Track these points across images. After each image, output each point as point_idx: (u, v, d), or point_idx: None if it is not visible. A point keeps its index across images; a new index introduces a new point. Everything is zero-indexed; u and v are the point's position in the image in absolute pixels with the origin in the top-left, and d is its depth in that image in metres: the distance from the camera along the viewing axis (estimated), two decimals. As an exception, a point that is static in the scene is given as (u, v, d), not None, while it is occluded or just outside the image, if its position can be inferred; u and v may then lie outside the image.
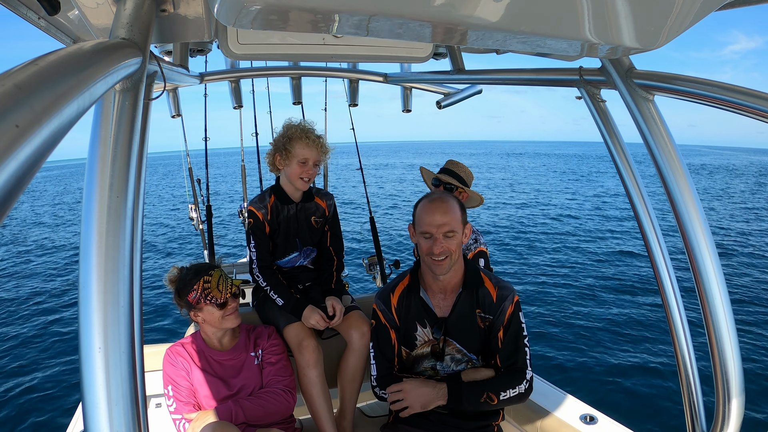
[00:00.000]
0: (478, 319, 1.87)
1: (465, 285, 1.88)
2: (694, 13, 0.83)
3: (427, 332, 1.90)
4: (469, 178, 2.61)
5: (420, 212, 1.83)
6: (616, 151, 1.45)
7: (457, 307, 1.87)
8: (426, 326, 1.90)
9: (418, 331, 1.91)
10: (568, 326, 7.26)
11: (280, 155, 2.22)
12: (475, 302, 1.87)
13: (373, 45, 1.91)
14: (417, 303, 1.91)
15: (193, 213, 4.62)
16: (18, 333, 8.06)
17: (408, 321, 1.92)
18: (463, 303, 1.87)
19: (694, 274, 1.26)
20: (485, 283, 1.89)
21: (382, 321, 1.96)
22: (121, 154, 0.74)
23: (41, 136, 0.40)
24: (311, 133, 2.21)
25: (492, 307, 1.86)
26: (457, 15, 0.72)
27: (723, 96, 1.10)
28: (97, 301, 0.65)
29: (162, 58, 1.53)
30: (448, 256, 1.77)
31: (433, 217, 1.77)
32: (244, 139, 4.96)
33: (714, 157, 61.67)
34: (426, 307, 1.90)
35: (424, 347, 1.92)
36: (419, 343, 1.93)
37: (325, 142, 2.28)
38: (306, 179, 2.23)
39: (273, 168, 2.31)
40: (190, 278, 1.97)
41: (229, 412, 1.88)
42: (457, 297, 1.87)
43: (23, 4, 1.26)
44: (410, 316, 1.92)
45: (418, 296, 1.91)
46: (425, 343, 1.92)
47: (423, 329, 1.91)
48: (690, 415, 1.43)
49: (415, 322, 1.91)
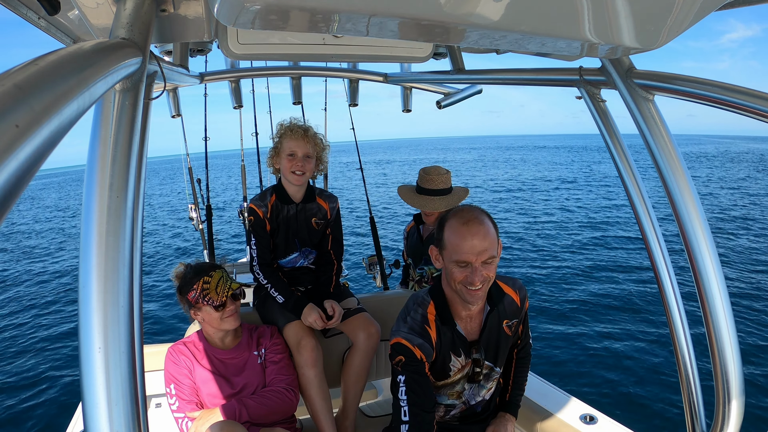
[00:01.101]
0: (506, 330, 1.78)
1: (491, 303, 1.72)
2: (694, 13, 0.83)
3: (461, 360, 1.73)
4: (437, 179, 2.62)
5: (452, 238, 1.55)
6: (616, 151, 1.45)
7: (487, 327, 1.74)
8: (460, 354, 1.73)
9: (452, 362, 1.73)
10: (567, 326, 7.26)
11: (274, 153, 2.28)
12: (503, 315, 1.76)
13: (373, 45, 1.91)
14: (450, 333, 1.69)
15: (193, 213, 4.62)
16: (18, 333, 8.06)
17: (443, 353, 1.71)
18: (491, 321, 1.75)
19: (694, 274, 1.26)
20: (506, 291, 1.79)
21: (419, 357, 1.64)
22: (121, 154, 0.74)
23: (41, 136, 0.40)
24: (297, 127, 2.23)
25: (518, 310, 1.81)
26: (457, 15, 0.72)
27: (723, 96, 1.10)
28: (97, 301, 0.65)
29: (162, 58, 1.53)
30: (485, 281, 1.56)
31: (471, 244, 1.51)
32: (244, 139, 4.97)
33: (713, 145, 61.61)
34: (458, 334, 1.71)
35: (458, 374, 1.77)
36: (453, 372, 1.75)
37: (318, 135, 2.29)
38: (298, 173, 2.22)
39: (273, 170, 2.35)
40: (190, 277, 1.98)
41: (233, 410, 1.88)
42: (486, 317, 1.73)
43: (23, 4, 1.26)
44: (444, 348, 1.71)
45: (453, 326, 1.69)
46: (459, 370, 1.76)
47: (457, 358, 1.73)
48: (690, 415, 1.43)
49: (450, 353, 1.72)
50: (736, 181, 25.17)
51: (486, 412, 1.93)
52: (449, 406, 1.86)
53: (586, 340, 6.79)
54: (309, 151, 2.22)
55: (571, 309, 7.93)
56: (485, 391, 1.85)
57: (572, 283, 9.27)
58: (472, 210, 1.61)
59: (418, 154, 60.60)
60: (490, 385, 1.85)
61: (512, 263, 10.88)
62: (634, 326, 7.18)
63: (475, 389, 1.84)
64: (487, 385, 1.84)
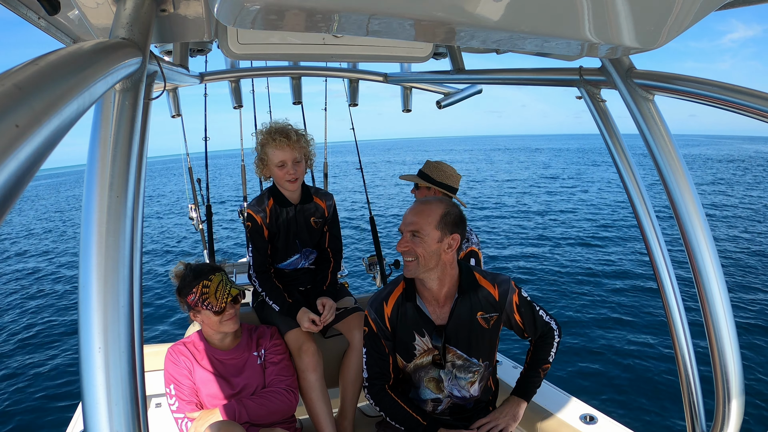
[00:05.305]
0: (480, 321, 1.84)
1: (460, 291, 1.82)
2: (694, 13, 0.83)
3: (426, 341, 1.85)
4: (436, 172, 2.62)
5: None
6: (616, 151, 1.45)
7: (455, 313, 1.82)
8: (424, 335, 1.84)
9: (416, 341, 1.86)
10: (567, 326, 7.26)
11: (261, 164, 2.22)
12: (476, 305, 1.83)
13: (373, 45, 1.91)
14: (413, 311, 1.84)
15: (192, 213, 4.62)
16: (18, 333, 8.06)
17: (404, 330, 1.86)
18: (460, 309, 1.82)
19: (694, 274, 1.26)
20: (482, 284, 1.85)
21: (374, 331, 1.89)
22: (121, 154, 0.74)
23: (41, 135, 0.40)
24: (278, 134, 2.15)
25: (497, 304, 1.85)
26: (457, 15, 0.72)
27: (723, 96, 1.10)
28: (97, 301, 0.65)
29: (162, 58, 1.53)
30: (414, 258, 1.71)
31: (405, 215, 1.77)
32: (244, 139, 4.97)
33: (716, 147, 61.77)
34: (423, 315, 1.84)
35: (424, 356, 1.87)
36: (418, 352, 1.87)
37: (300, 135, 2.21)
38: (291, 180, 2.19)
39: (263, 178, 2.32)
40: (190, 280, 1.96)
41: (232, 411, 1.88)
42: (454, 304, 1.82)
43: (23, 4, 1.26)
44: (407, 325, 1.85)
45: (415, 304, 1.84)
46: (425, 353, 1.86)
47: (421, 338, 1.85)
48: (690, 415, 1.43)
49: (413, 332, 1.85)
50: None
51: (479, 410, 1.95)
52: (435, 400, 1.92)
53: (587, 341, 6.80)
54: (297, 156, 2.18)
55: (571, 309, 7.93)
56: (467, 383, 1.88)
57: (572, 283, 9.27)
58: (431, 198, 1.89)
59: (420, 155, 60.63)
60: (471, 378, 1.88)
61: (512, 263, 10.88)
62: (635, 326, 7.18)
63: (452, 380, 1.88)
64: (466, 376, 1.88)
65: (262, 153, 2.20)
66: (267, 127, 2.23)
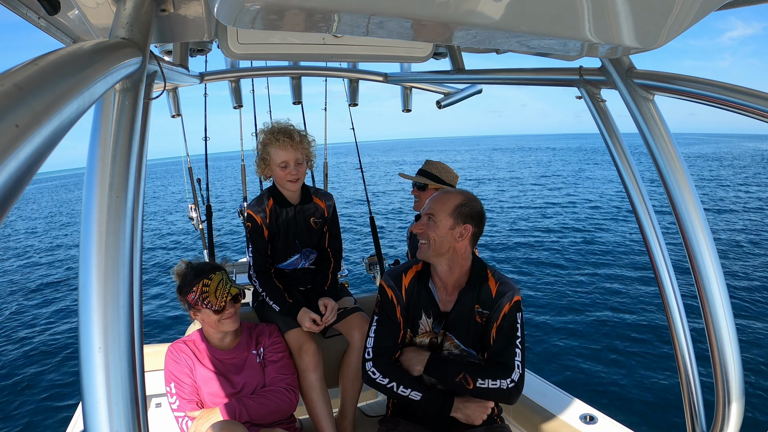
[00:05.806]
0: (476, 314, 1.88)
1: (469, 281, 1.89)
2: (694, 13, 0.83)
3: (429, 322, 1.93)
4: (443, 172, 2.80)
5: None
6: (617, 151, 1.45)
7: (459, 302, 1.88)
8: (430, 317, 1.92)
9: (422, 319, 1.94)
10: (568, 326, 7.26)
11: (262, 163, 2.22)
12: (476, 298, 1.88)
13: (373, 45, 1.91)
14: (424, 292, 1.93)
15: (192, 212, 4.62)
16: (18, 333, 8.06)
17: (415, 306, 1.94)
18: (465, 298, 1.88)
19: (694, 274, 1.26)
20: (488, 279, 1.90)
21: (389, 296, 1.94)
22: (121, 154, 0.74)
23: (41, 135, 0.40)
24: (281, 134, 2.15)
25: (490, 302, 1.87)
26: (457, 15, 0.72)
27: (723, 96, 1.10)
28: (97, 301, 0.65)
29: (162, 57, 1.53)
30: (426, 242, 1.83)
31: (427, 201, 1.90)
32: (244, 139, 4.97)
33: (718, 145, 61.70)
34: (431, 298, 1.92)
35: (424, 336, 1.94)
36: (420, 331, 1.95)
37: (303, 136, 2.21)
38: (293, 180, 2.20)
39: (263, 178, 2.32)
40: (190, 279, 1.97)
41: (233, 410, 1.88)
42: (460, 293, 1.89)
43: (23, 4, 1.26)
44: (418, 302, 1.93)
45: (427, 286, 1.93)
46: (425, 333, 1.94)
47: (427, 319, 1.93)
48: (690, 416, 1.42)
49: (420, 310, 1.93)
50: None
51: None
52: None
53: (587, 341, 6.79)
54: (299, 157, 2.18)
55: (571, 309, 7.92)
56: None
57: (572, 284, 9.27)
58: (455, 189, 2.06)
59: (420, 156, 60.63)
60: None
61: (512, 263, 10.88)
62: (635, 326, 7.18)
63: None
64: None
65: (264, 152, 2.20)
66: (269, 126, 2.23)
